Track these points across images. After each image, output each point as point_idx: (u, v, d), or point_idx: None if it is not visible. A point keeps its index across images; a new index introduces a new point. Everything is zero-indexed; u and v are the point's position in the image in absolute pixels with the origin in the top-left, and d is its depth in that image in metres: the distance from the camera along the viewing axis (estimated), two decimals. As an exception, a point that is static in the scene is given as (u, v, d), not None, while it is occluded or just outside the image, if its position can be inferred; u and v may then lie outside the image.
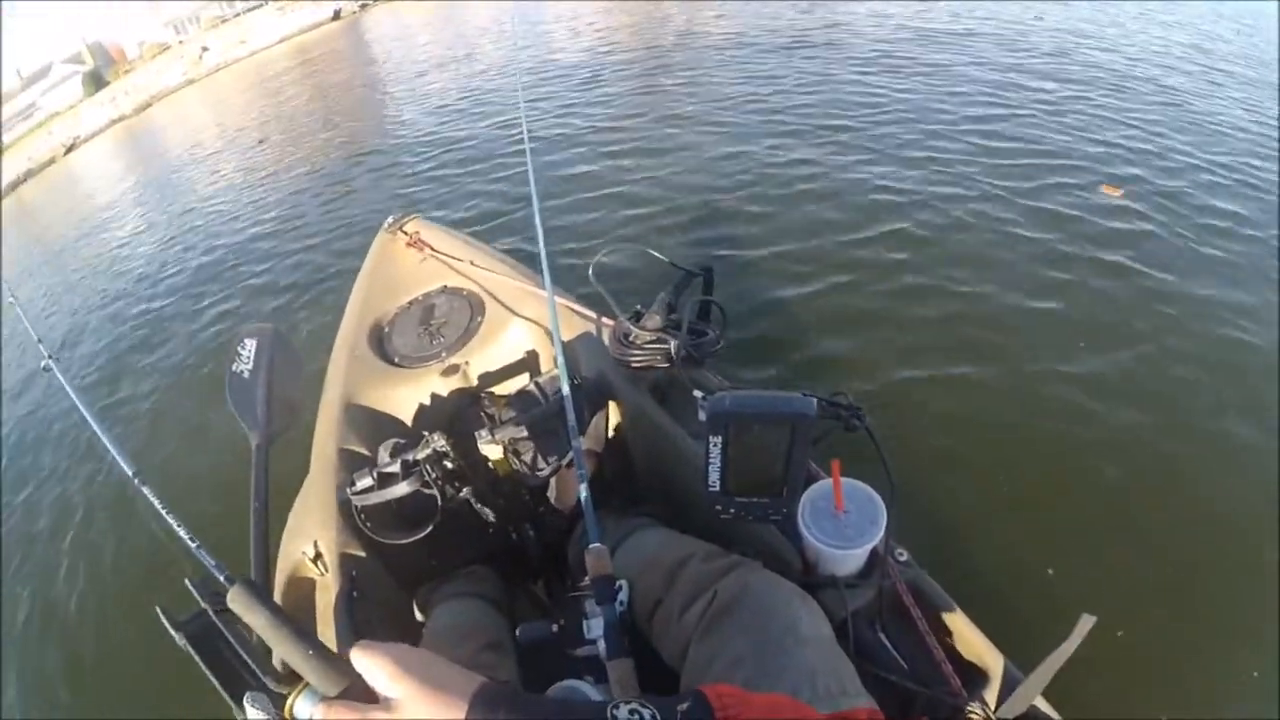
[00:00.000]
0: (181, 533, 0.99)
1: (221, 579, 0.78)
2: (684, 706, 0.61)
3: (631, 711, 0.59)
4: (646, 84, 8.05)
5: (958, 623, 1.21)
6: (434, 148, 8.04)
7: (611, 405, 1.85)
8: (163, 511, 1.02)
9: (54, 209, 15.92)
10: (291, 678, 0.85)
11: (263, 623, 0.69)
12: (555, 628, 1.23)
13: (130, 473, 1.19)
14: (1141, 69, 6.34)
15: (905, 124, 5.37)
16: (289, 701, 0.68)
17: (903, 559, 1.27)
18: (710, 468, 1.12)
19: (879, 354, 3.20)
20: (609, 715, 0.58)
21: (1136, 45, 7.01)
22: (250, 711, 0.76)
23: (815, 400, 1.06)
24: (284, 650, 0.66)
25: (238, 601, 0.72)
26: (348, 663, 0.63)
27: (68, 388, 1.60)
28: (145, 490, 1.09)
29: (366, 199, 7.18)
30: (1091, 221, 3.90)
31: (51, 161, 24.95)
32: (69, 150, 25.55)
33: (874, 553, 1.22)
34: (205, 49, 30.62)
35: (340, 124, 11.29)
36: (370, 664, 0.61)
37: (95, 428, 1.42)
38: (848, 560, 1.19)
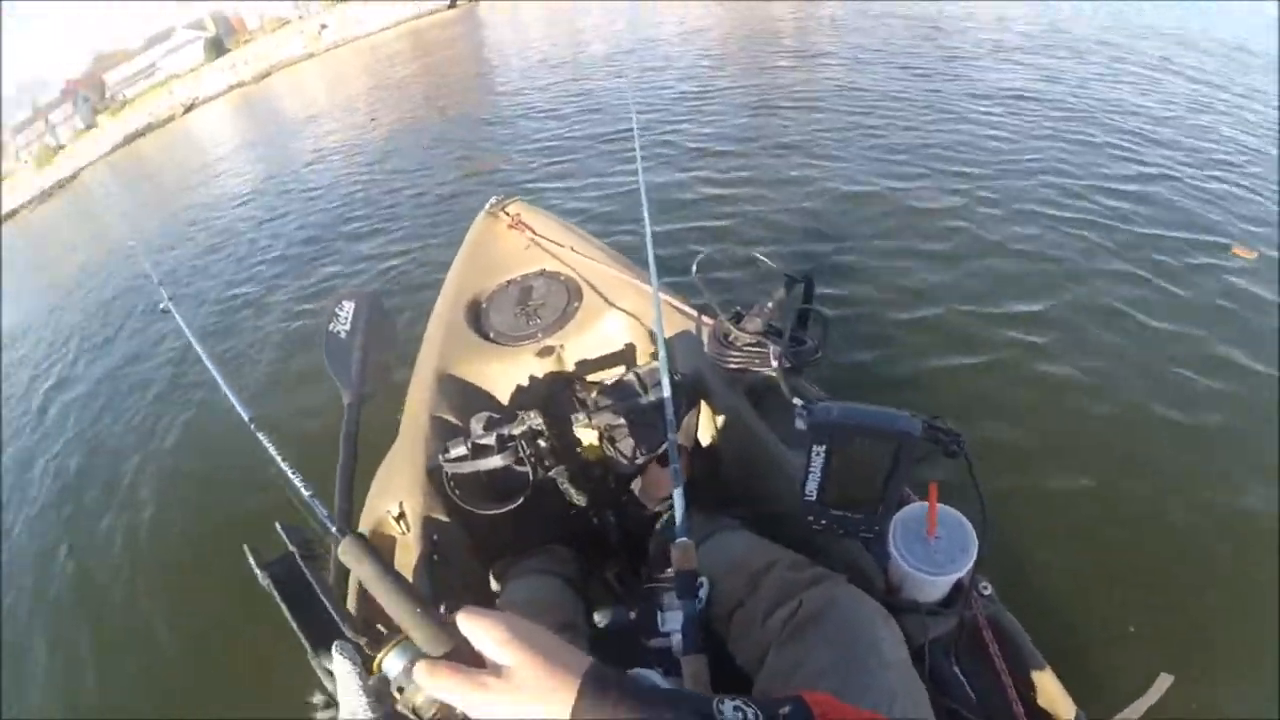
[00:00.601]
0: (296, 480, 0.98)
1: (334, 530, 0.78)
2: (785, 710, 0.60)
3: (736, 708, 0.58)
4: (759, 98, 7.91)
5: (1034, 664, 1.19)
6: (540, 136, 8.18)
7: (703, 404, 1.86)
8: (277, 458, 1.03)
9: (170, 163, 16.71)
10: (368, 629, 0.88)
11: (373, 575, 0.69)
12: (632, 616, 1.25)
13: (246, 417, 1.22)
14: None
15: (1032, 175, 5.03)
16: (380, 656, 0.68)
17: (986, 592, 1.25)
18: (809, 477, 1.12)
19: (982, 390, 3.13)
20: (715, 709, 0.57)
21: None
22: (337, 660, 0.78)
23: (920, 420, 1.05)
24: (391, 606, 0.66)
25: (349, 553, 0.72)
26: (454, 625, 0.63)
27: (185, 329, 1.64)
28: (260, 435, 1.11)
29: (471, 182, 7.32)
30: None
31: (170, 119, 26.17)
32: (188, 110, 26.75)
33: (958, 583, 1.19)
34: (324, 26, 31.73)
35: (449, 110, 11.54)
36: (482, 629, 0.60)
37: (212, 369, 1.44)
38: (933, 587, 1.17)
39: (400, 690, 0.67)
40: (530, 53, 14.88)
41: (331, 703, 1.39)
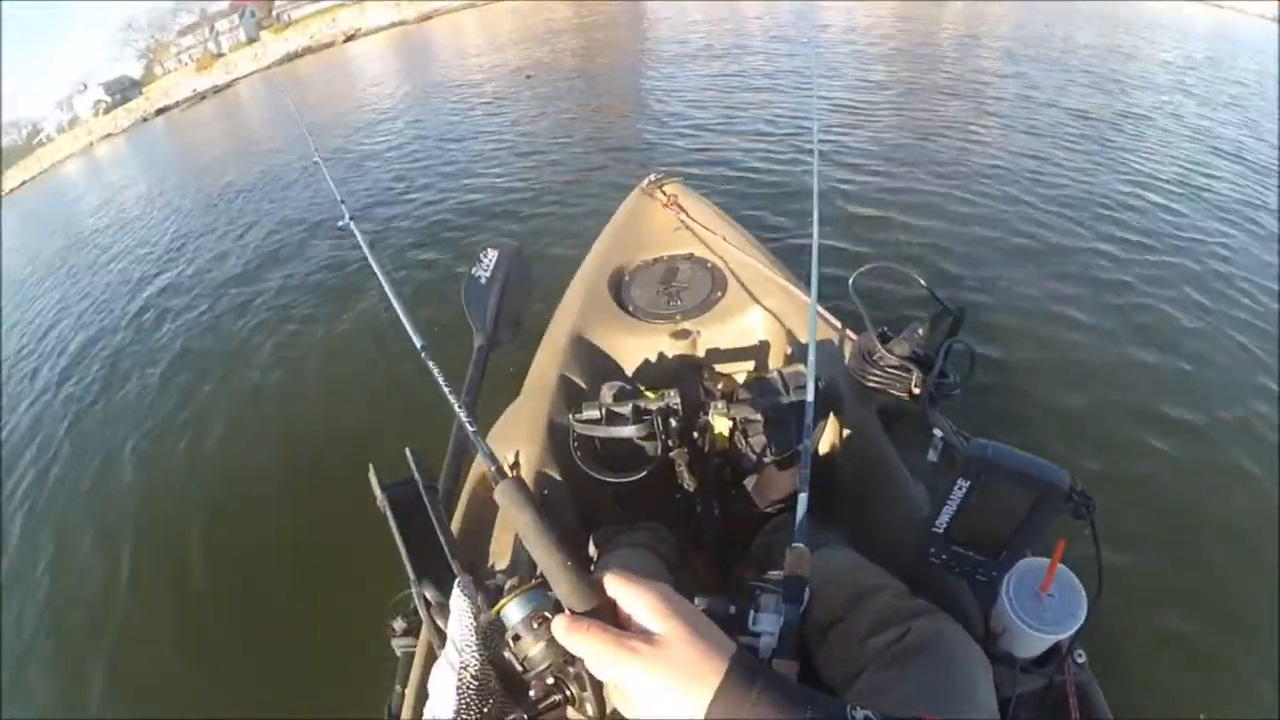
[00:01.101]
0: (462, 414, 0.99)
1: (493, 470, 0.78)
2: None
3: (866, 718, 0.57)
4: (930, 117, 7.75)
5: None
6: (707, 117, 8.16)
7: (832, 414, 1.86)
8: (446, 391, 1.04)
9: (327, 86, 17.35)
10: (471, 569, 0.90)
11: (527, 520, 0.68)
12: (733, 609, 1.29)
13: (418, 344, 1.23)
14: None
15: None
16: (504, 602, 0.68)
17: (1080, 660, 1.24)
18: (945, 509, 1.13)
19: (1114, 463, 3.03)
20: (849, 714, 0.57)
21: None
22: (456, 596, 0.78)
23: (1069, 475, 1.06)
24: (541, 553, 0.66)
25: (506, 495, 0.72)
26: (600, 585, 0.63)
27: (365, 248, 1.66)
28: (430, 364, 1.12)
29: (621, 158, 7.33)
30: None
31: (331, 44, 27.21)
32: (348, 39, 27.79)
33: (1056, 645, 1.20)
34: (498, -22, 32.30)
35: (606, 82, 11.67)
36: (635, 595, 0.61)
37: (389, 292, 1.46)
38: (1033, 643, 1.18)
39: (516, 639, 0.67)
40: (692, 37, 14.73)
41: (410, 630, 1.44)
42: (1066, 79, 9.05)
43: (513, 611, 0.66)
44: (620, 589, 0.62)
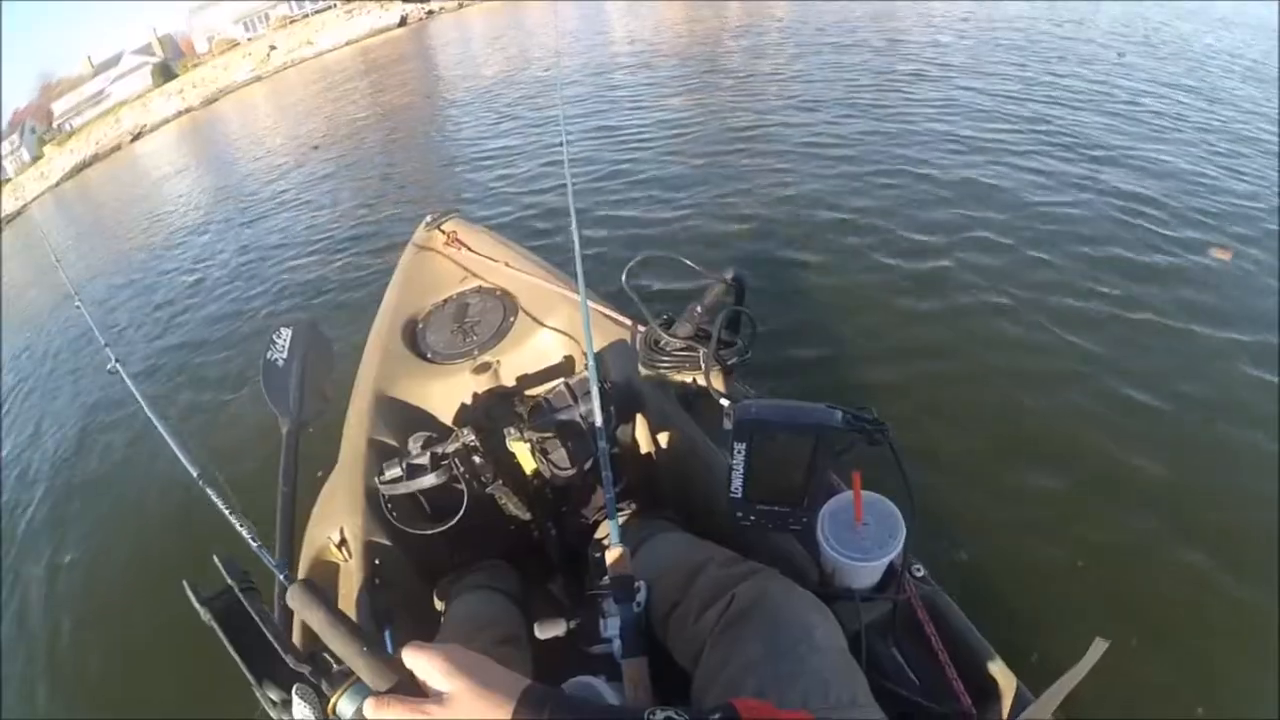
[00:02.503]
0: (244, 533, 1.04)
1: (281, 577, 0.83)
2: (715, 717, 0.63)
3: (667, 718, 0.61)
4: (695, 97, 8.14)
5: (971, 641, 1.21)
6: (480, 155, 8.28)
7: (639, 410, 1.87)
8: (226, 512, 1.07)
9: (116, 194, 16.42)
10: (312, 659, 0.89)
11: (319, 620, 0.72)
12: (571, 624, 1.26)
13: (194, 474, 1.23)
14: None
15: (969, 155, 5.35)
16: (334, 700, 0.71)
17: (919, 575, 1.27)
18: (734, 474, 1.14)
19: (909, 377, 3.22)
20: (646, 719, 0.61)
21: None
22: (297, 705, 0.80)
23: (839, 412, 1.07)
24: (339, 647, 0.70)
25: (296, 600, 0.75)
26: (399, 661, 0.67)
27: (134, 390, 1.64)
28: (210, 491, 1.13)
29: (408, 201, 7.41)
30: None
31: (117, 148, 25.69)
32: (135, 138, 26.33)
33: (891, 567, 1.22)
34: (273, 48, 31.38)
35: (393, 130, 11.66)
36: (424, 662, 0.65)
37: (161, 429, 1.46)
38: (864, 573, 1.20)
39: None
40: (476, 69, 14.97)
41: None
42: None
43: (345, 707, 0.70)
44: (412, 659, 0.67)
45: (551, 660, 1.26)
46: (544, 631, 1.24)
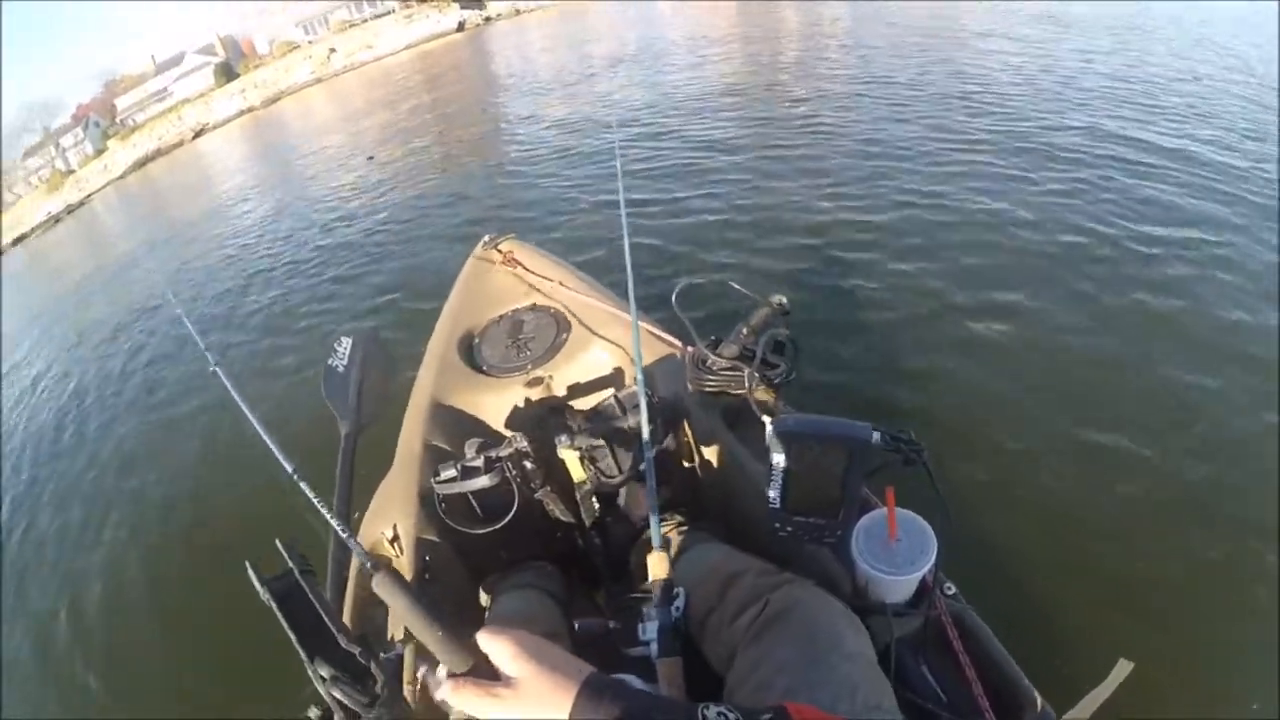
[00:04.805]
0: (335, 524, 1.10)
1: (368, 565, 0.87)
2: (766, 717, 0.68)
3: (719, 714, 0.67)
4: (753, 115, 8.16)
5: (999, 659, 1.23)
6: (536, 169, 8.40)
7: (685, 426, 1.93)
8: (318, 505, 1.12)
9: (178, 189, 16.88)
10: (360, 640, 0.98)
11: (403, 605, 0.78)
12: (611, 625, 1.32)
13: (289, 469, 1.28)
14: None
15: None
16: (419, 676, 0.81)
17: (950, 592, 1.31)
18: (771, 484, 1.20)
19: (947, 403, 3.25)
20: (700, 714, 0.67)
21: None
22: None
23: (874, 429, 1.12)
24: (419, 630, 0.76)
25: (382, 586, 0.81)
26: (474, 645, 0.74)
27: (234, 393, 1.66)
28: (303, 485, 1.18)
29: (466, 215, 7.55)
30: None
31: (180, 144, 26.49)
32: (197, 135, 27.10)
33: (923, 583, 1.26)
34: (333, 50, 32.07)
35: (451, 139, 11.90)
36: (495, 645, 0.72)
37: (258, 427, 1.49)
38: (896, 588, 1.23)
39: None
40: (532, 78, 15.11)
41: (326, 715, 1.48)
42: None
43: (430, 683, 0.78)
44: (484, 643, 0.73)
45: (589, 660, 1.32)
46: (586, 631, 1.30)
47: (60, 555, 4.24)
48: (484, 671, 0.72)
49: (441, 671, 0.76)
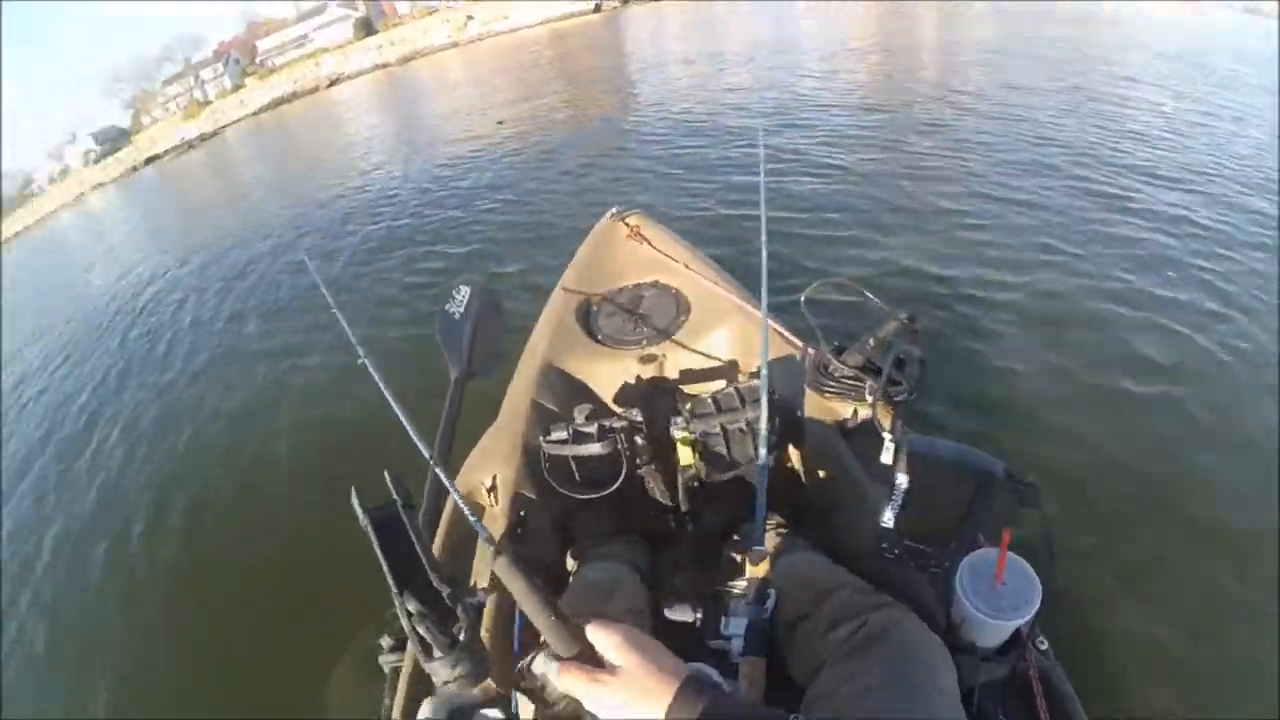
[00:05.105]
0: (465, 509, 1.19)
1: (492, 547, 0.95)
2: None
3: None
4: (889, 135, 7.93)
5: None
6: (667, 152, 8.35)
7: (796, 428, 1.89)
8: (453, 492, 1.21)
9: (310, 130, 17.50)
10: (450, 583, 1.02)
11: (520, 589, 0.80)
12: (699, 614, 1.33)
13: (426, 455, 1.36)
14: None
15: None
16: (528, 660, 0.84)
17: (1043, 647, 1.28)
18: (890, 504, 1.19)
19: (1067, 453, 3.09)
20: None
21: None
22: (537, 665, 0.85)
23: (1001, 464, 1.11)
24: (533, 613, 0.78)
25: (502, 569, 0.83)
26: (581, 632, 0.77)
27: (381, 385, 1.72)
28: (439, 471, 1.29)
29: (591, 186, 7.61)
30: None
31: (315, 89, 27.56)
32: (333, 83, 28.06)
33: (1017, 632, 1.22)
34: (470, 18, 32.70)
35: (582, 113, 11.93)
36: (603, 636, 0.75)
37: (402, 419, 1.53)
38: (992, 632, 1.20)
39: (544, 687, 0.83)
40: (666, 65, 15.05)
41: (398, 646, 1.58)
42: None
43: (537, 666, 0.81)
44: (593, 633, 0.76)
45: (669, 646, 1.34)
46: (674, 615, 1.32)
47: (155, 466, 4.56)
48: (590, 659, 0.75)
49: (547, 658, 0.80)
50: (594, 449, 1.65)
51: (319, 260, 7.01)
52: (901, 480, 1.16)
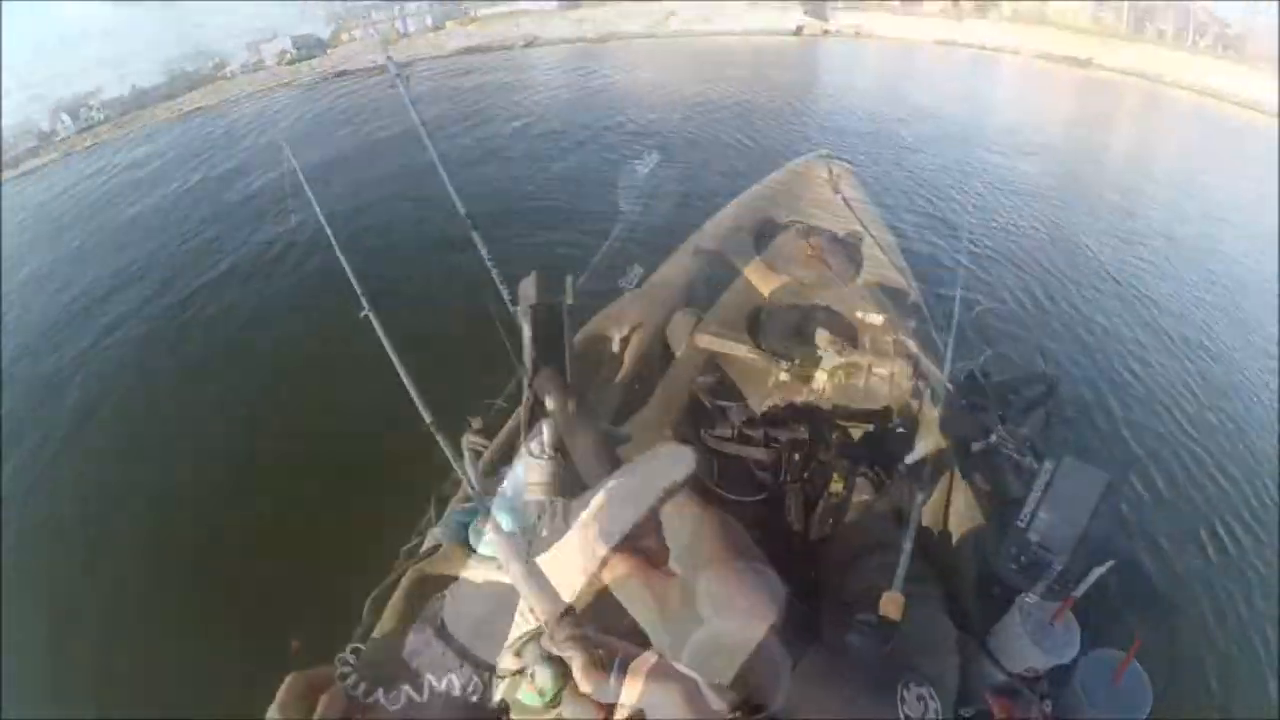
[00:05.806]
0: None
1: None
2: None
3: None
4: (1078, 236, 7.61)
5: None
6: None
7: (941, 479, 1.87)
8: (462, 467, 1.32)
9: (496, 87, 17.71)
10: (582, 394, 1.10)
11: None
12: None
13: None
14: None
15: None
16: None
17: None
18: (1029, 500, 1.32)
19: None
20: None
21: None
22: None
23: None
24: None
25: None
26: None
27: (384, 340, 1.79)
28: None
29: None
30: None
31: (508, 48, 28.35)
32: (527, 45, 28.79)
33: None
34: (672, 14, 32.88)
35: (761, 130, 11.38)
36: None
37: (404, 379, 1.66)
38: None
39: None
40: (859, 108, 14.61)
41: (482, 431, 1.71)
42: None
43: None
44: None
45: None
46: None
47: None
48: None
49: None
50: (758, 453, 1.69)
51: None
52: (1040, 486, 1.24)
